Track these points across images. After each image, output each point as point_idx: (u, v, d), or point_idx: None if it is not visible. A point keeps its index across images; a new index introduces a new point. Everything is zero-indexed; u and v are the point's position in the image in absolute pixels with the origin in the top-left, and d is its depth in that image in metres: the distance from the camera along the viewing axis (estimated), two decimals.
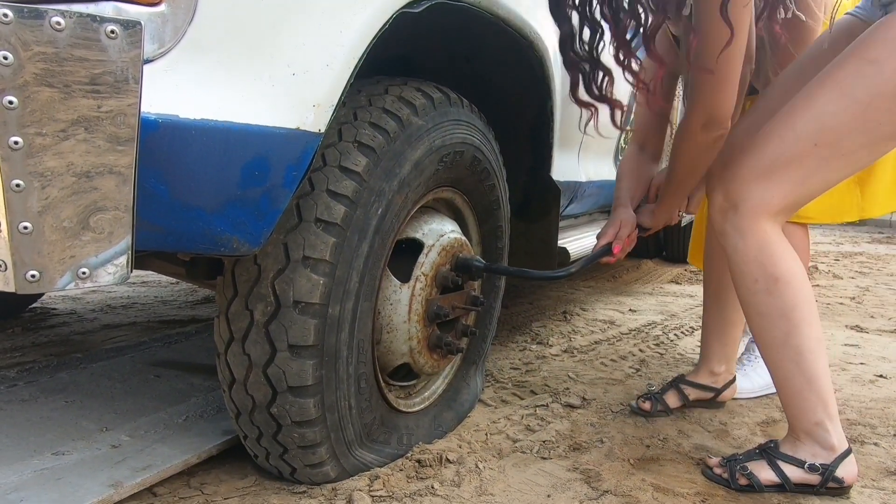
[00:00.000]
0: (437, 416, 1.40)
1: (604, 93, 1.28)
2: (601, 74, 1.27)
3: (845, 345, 2.33)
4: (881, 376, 1.94)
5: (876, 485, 1.24)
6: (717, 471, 1.23)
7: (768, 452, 1.23)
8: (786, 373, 1.20)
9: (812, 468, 1.18)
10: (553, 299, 3.04)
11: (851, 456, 1.20)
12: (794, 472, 1.19)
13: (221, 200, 0.82)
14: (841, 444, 1.19)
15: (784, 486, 1.19)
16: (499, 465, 1.26)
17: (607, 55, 1.26)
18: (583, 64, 1.26)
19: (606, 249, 1.48)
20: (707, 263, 1.64)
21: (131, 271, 0.72)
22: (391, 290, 1.19)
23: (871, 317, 2.84)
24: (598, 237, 1.52)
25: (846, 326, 2.65)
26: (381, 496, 1.10)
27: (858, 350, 2.26)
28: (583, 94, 1.28)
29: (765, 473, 1.20)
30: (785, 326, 1.18)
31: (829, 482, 1.17)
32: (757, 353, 1.77)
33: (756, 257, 1.18)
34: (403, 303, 1.19)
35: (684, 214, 1.76)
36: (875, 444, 1.43)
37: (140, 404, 1.39)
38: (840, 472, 1.17)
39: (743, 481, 1.20)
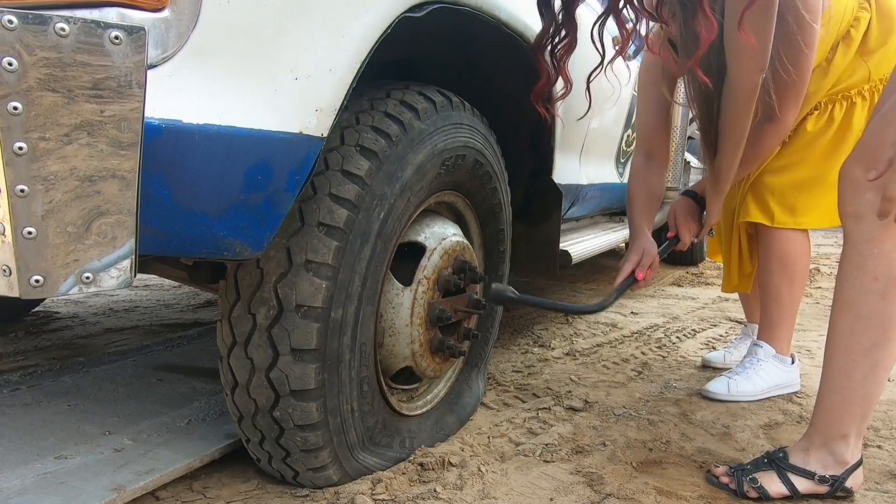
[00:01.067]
0: (440, 419, 1.40)
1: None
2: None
3: None
4: None
5: (879, 487, 1.24)
6: (724, 479, 1.22)
7: (777, 463, 1.20)
8: (848, 381, 1.12)
9: (822, 480, 1.16)
10: None
11: (861, 467, 1.18)
12: (803, 484, 1.17)
13: (224, 205, 0.83)
14: (854, 457, 1.17)
15: (792, 497, 1.18)
16: (501, 468, 1.26)
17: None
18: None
19: (631, 281, 1.51)
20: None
21: (135, 275, 0.73)
22: (393, 294, 1.19)
23: None
24: (621, 266, 1.54)
25: None
26: (383, 500, 1.10)
27: None
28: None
29: (775, 486, 1.17)
30: (876, 337, 1.09)
31: (838, 492, 1.17)
32: (759, 356, 1.76)
33: (888, 254, 1.05)
34: (406, 306, 1.19)
35: (697, 240, 1.75)
36: (878, 446, 1.42)
37: (143, 408, 1.39)
38: (849, 482, 1.17)
39: (752, 494, 1.18)
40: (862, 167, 1.06)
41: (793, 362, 1.79)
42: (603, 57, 1.23)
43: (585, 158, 2.15)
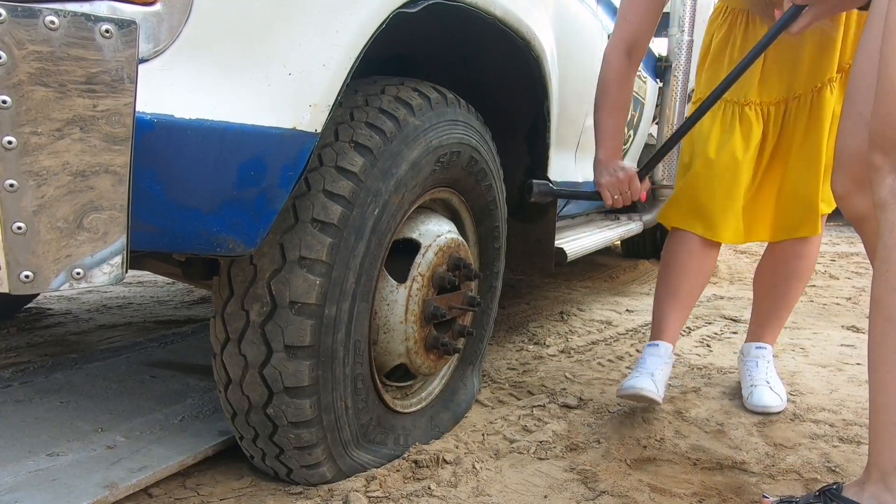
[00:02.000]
0: (434, 416, 1.40)
1: None
2: None
3: (841, 345, 2.34)
4: None
5: None
6: None
7: (827, 495, 1.03)
8: (889, 398, 0.97)
9: None
10: (550, 300, 3.04)
11: None
12: None
13: (217, 200, 0.82)
14: None
15: None
16: (496, 465, 1.26)
17: None
18: None
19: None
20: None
21: (126, 271, 0.72)
22: (388, 291, 1.19)
23: (867, 317, 2.84)
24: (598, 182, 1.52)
25: (842, 327, 2.65)
26: (377, 497, 1.10)
27: (854, 350, 2.26)
28: None
29: None
30: None
31: None
32: (768, 357, 1.74)
33: None
34: (400, 303, 1.19)
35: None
36: None
37: (136, 405, 1.38)
38: None
39: None
40: (881, 153, 0.96)
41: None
42: None
43: (581, 156, 2.16)
